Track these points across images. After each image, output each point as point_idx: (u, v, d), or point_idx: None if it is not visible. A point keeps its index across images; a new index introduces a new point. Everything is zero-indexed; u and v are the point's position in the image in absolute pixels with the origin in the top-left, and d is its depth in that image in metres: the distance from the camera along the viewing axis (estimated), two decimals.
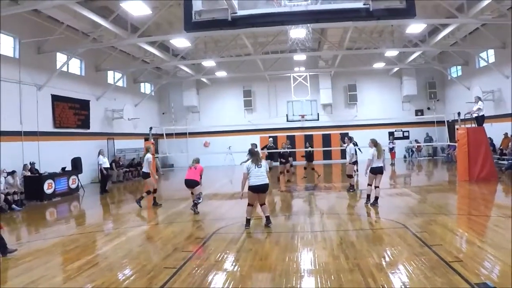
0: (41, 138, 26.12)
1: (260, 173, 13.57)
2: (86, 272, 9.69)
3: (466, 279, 8.14)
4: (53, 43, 26.36)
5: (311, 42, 26.86)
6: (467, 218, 14.78)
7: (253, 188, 13.55)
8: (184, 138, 43.60)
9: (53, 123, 27.88)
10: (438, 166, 37.60)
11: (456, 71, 42.24)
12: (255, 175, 13.50)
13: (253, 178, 13.51)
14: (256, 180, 13.48)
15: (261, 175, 13.55)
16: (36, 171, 24.33)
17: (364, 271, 8.99)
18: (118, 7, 23.27)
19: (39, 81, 26.34)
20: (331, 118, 45.42)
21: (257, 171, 13.54)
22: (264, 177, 13.60)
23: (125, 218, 17.68)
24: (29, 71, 25.58)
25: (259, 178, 13.48)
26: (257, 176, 13.48)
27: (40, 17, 25.36)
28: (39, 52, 26.33)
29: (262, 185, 13.54)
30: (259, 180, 13.47)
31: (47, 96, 27.27)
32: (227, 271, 9.65)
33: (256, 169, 13.56)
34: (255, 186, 13.49)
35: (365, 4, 11.84)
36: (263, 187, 13.57)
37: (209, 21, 12.65)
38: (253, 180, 13.51)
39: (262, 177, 13.54)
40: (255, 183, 13.48)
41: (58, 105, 28.31)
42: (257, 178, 13.48)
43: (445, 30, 29.57)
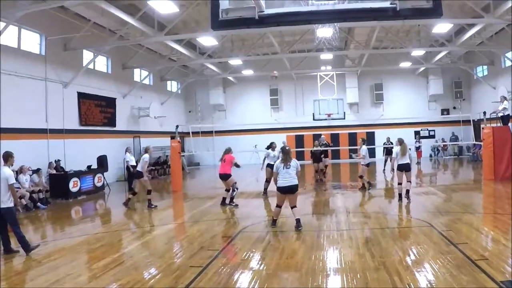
0: (66, 135, 26.22)
1: (288, 174, 13.34)
2: (111, 271, 9.74)
3: (492, 277, 8.15)
4: (80, 41, 26.44)
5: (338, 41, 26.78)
6: (493, 217, 14.78)
7: (280, 189, 13.41)
8: (210, 136, 43.55)
9: (79, 121, 27.97)
10: (464, 165, 37.50)
11: (482, 71, 42.00)
12: (283, 176, 13.36)
13: (281, 179, 13.38)
14: (283, 181, 13.33)
15: (289, 176, 13.32)
16: (61, 169, 24.43)
17: (390, 270, 9.01)
18: (145, 4, 23.35)
19: (65, 78, 26.45)
20: (357, 117, 45.35)
21: (285, 172, 13.35)
22: (292, 178, 13.35)
23: (151, 216, 17.76)
24: (55, 68, 25.69)
25: (287, 180, 13.29)
26: (284, 177, 13.33)
27: (67, 14, 25.46)
28: (66, 49, 26.44)
29: (290, 186, 13.30)
30: (286, 181, 13.29)
31: (73, 93, 27.37)
32: (253, 270, 9.68)
33: (285, 170, 13.37)
34: (282, 187, 13.34)
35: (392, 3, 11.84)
36: (290, 188, 13.32)
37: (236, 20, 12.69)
38: (281, 181, 13.37)
39: (290, 178, 13.31)
40: (283, 184, 13.32)
41: (84, 102, 28.39)
42: (284, 179, 13.32)
43: (471, 30, 29.45)
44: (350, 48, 38.20)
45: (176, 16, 25.18)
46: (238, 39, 36.57)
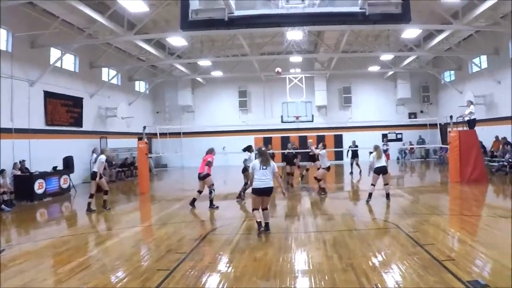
0: (32, 135, 25.78)
1: (265, 175, 12.96)
2: (78, 275, 9.61)
3: (458, 277, 8.27)
4: (48, 38, 26.08)
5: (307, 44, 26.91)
6: (459, 218, 14.96)
7: (256, 190, 13.04)
8: (178, 138, 43.47)
9: (45, 121, 27.53)
10: (431, 167, 37.90)
11: (449, 76, 42.62)
12: (259, 178, 12.97)
13: (257, 180, 12.99)
14: (259, 182, 12.94)
15: (265, 178, 12.94)
16: (26, 170, 24.03)
17: (357, 271, 9.07)
18: (115, 3, 23.10)
19: (31, 76, 26.09)
20: (325, 120, 45.48)
21: (262, 173, 12.97)
22: (268, 180, 12.97)
23: (118, 219, 17.59)
24: (22, 65, 25.35)
25: (263, 181, 12.90)
26: (260, 179, 12.94)
27: (35, 10, 25.04)
28: (33, 47, 26.04)
29: (265, 189, 12.94)
30: (262, 183, 12.89)
31: (39, 92, 26.97)
32: (221, 273, 9.65)
33: (261, 171, 12.99)
34: (258, 189, 12.97)
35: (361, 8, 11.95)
36: (266, 190, 12.98)
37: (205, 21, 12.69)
38: (257, 183, 12.99)
39: (266, 180, 12.94)
40: (258, 185, 12.95)
41: (50, 101, 27.97)
42: (260, 180, 12.93)
43: (440, 35, 29.97)
44: (320, 51, 38.42)
45: (146, 15, 25.03)
46: (207, 40, 36.57)
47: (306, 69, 42.86)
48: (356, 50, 37.68)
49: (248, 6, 12.78)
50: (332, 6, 12.62)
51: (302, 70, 42.13)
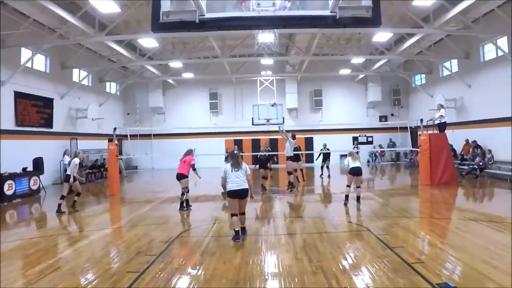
0: (2, 136, 25.42)
1: (238, 177, 12.77)
2: (47, 277, 9.53)
3: (428, 280, 8.32)
4: (18, 38, 25.83)
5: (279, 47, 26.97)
6: (429, 221, 15.06)
7: (230, 193, 12.79)
8: (148, 139, 43.32)
9: (15, 121, 27.24)
10: (401, 170, 38.10)
11: (420, 79, 43.05)
12: (232, 180, 12.77)
13: (230, 182, 12.78)
14: (232, 185, 12.73)
15: (238, 179, 12.75)
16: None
17: (327, 273, 9.09)
18: (87, 3, 22.98)
19: (2, 76, 25.76)
20: (296, 122, 45.64)
21: (234, 175, 12.78)
22: (241, 181, 12.76)
23: (88, 221, 17.45)
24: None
25: (236, 183, 12.69)
26: (233, 181, 12.73)
27: (5, 10, 24.48)
28: (3, 47, 25.60)
29: (239, 190, 12.69)
30: (236, 185, 12.68)
31: (9, 92, 26.70)
32: (191, 275, 9.61)
33: (234, 173, 12.80)
34: (232, 191, 12.72)
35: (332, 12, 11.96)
36: (240, 192, 12.72)
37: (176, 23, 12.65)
38: (230, 185, 12.78)
39: (239, 181, 12.73)
40: (232, 188, 12.71)
41: (20, 102, 27.70)
42: (233, 183, 12.72)
43: (411, 39, 30.21)
44: (291, 54, 38.38)
45: (118, 16, 24.95)
46: (179, 42, 36.53)
47: (277, 71, 43.07)
48: (327, 53, 37.90)
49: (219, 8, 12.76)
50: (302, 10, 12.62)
51: (273, 72, 42.23)
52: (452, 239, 12.11)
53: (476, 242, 11.35)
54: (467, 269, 9.10)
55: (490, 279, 8.36)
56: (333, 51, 37.44)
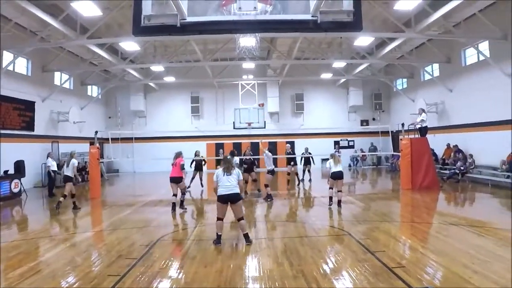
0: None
1: (229, 182, 12.70)
2: (28, 280, 9.49)
3: (409, 284, 8.35)
4: None
5: (260, 51, 26.97)
6: (410, 225, 15.09)
7: (220, 197, 12.70)
8: (130, 143, 43.20)
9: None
10: (382, 175, 38.22)
11: (401, 84, 43.16)
12: (223, 184, 12.70)
13: (221, 187, 12.71)
14: (224, 189, 12.65)
15: (229, 184, 12.66)
16: None
17: (308, 278, 9.10)
18: (68, 6, 22.91)
19: None
20: (277, 126, 45.69)
21: (225, 179, 12.72)
22: (233, 186, 12.69)
23: (69, 224, 17.45)
24: None
25: (227, 188, 12.63)
26: (224, 185, 12.67)
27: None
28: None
29: (231, 195, 12.61)
30: (227, 189, 12.62)
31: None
32: (172, 278, 9.61)
33: (225, 177, 12.75)
34: (223, 195, 12.64)
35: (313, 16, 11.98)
36: (231, 197, 12.63)
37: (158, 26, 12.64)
38: (221, 190, 12.71)
39: (230, 186, 12.65)
40: (222, 192, 12.65)
41: (2, 105, 27.51)
42: (224, 187, 12.66)
43: (392, 43, 30.27)
44: (272, 58, 38.43)
45: (99, 19, 24.79)
46: (160, 45, 36.39)
47: (258, 75, 42.99)
48: (309, 57, 37.97)
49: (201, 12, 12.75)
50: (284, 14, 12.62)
51: (255, 76, 42.17)
52: (433, 243, 12.15)
53: (457, 246, 11.40)
54: (448, 273, 9.13)
55: (471, 284, 8.37)
56: (314, 55, 37.55)
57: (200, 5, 12.88)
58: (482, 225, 14.13)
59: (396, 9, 23.74)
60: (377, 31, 28.57)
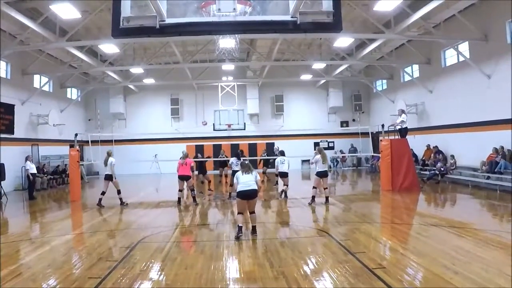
0: None
1: (248, 179, 13.48)
2: (8, 283, 9.40)
3: (389, 285, 8.34)
4: None
5: (239, 52, 26.99)
6: (390, 227, 15.16)
7: (240, 194, 13.46)
8: (110, 145, 42.82)
9: None
10: (362, 176, 38.24)
11: (381, 85, 43.38)
12: (242, 182, 13.48)
13: (241, 184, 13.47)
14: (243, 186, 13.41)
15: (249, 181, 13.44)
16: None
17: (289, 279, 9.07)
18: (47, 9, 22.69)
19: None
20: (257, 128, 45.74)
21: (245, 177, 13.51)
22: (252, 183, 13.44)
23: (49, 226, 17.30)
24: None
25: (246, 184, 13.38)
26: (244, 183, 13.43)
27: None
28: None
29: (250, 191, 13.38)
30: (246, 186, 13.37)
31: None
32: (153, 280, 9.58)
33: (244, 176, 13.54)
34: (243, 191, 13.38)
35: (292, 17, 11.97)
36: (250, 192, 13.42)
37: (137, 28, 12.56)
38: (240, 186, 13.48)
39: (250, 183, 13.41)
40: (242, 188, 13.40)
41: None
42: (244, 184, 13.41)
43: (372, 44, 30.32)
44: (252, 59, 38.50)
45: (78, 22, 24.72)
46: (140, 47, 36.39)
47: (238, 77, 43.06)
48: (289, 59, 38.13)
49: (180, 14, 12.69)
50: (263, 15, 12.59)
51: (234, 78, 42.26)
52: (414, 244, 12.15)
53: (437, 247, 11.40)
54: (429, 274, 9.12)
55: (452, 285, 8.37)
56: (294, 57, 37.67)
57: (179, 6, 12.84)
58: (462, 226, 14.17)
59: (375, 10, 23.78)
60: (357, 32, 28.70)
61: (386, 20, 26.60)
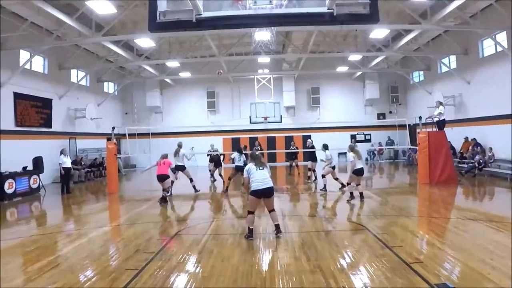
0: (2, 136, 25.50)
1: (264, 176, 12.68)
2: (47, 274, 9.56)
3: (426, 280, 8.28)
4: (16, 40, 25.89)
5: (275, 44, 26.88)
6: (428, 220, 14.95)
7: (255, 192, 12.58)
8: (146, 138, 43.25)
9: (14, 122, 27.39)
10: (399, 169, 37.89)
11: (418, 76, 42.78)
12: (257, 179, 12.60)
13: (256, 181, 12.58)
14: (259, 184, 12.53)
15: (265, 178, 12.64)
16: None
17: (325, 272, 9.07)
18: (83, 4, 22.86)
19: (1, 78, 25.86)
20: (293, 120, 45.64)
21: (259, 174, 12.67)
22: (268, 180, 12.68)
23: (87, 219, 17.49)
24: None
25: (262, 182, 12.54)
26: (259, 180, 12.57)
27: (3, 13, 24.60)
28: (2, 49, 25.71)
29: (266, 189, 12.57)
30: (262, 183, 12.52)
31: (9, 93, 26.80)
32: (189, 273, 9.62)
33: (259, 172, 12.71)
34: (259, 190, 12.53)
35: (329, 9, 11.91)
36: (267, 190, 12.60)
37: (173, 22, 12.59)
38: (256, 184, 12.57)
39: (266, 180, 12.62)
40: (258, 187, 12.52)
41: (20, 103, 27.84)
42: (259, 181, 12.55)
43: (408, 35, 29.91)
44: (288, 51, 38.31)
45: (114, 17, 24.87)
46: (175, 41, 36.52)
47: (274, 69, 42.90)
48: (324, 51, 37.78)
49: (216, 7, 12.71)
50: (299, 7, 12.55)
51: (270, 70, 42.19)
52: (451, 238, 12.06)
53: (475, 242, 11.29)
54: (466, 269, 9.06)
55: (489, 280, 8.31)
56: (330, 49, 37.34)
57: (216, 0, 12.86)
58: (500, 220, 13.95)
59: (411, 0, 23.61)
60: (393, 23, 28.37)
61: (422, 11, 26.33)
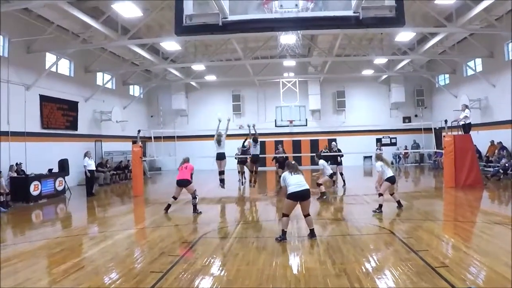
0: (28, 138, 25.90)
1: (299, 179, 12.59)
2: (72, 276, 9.60)
3: (452, 284, 8.21)
4: (43, 43, 26.20)
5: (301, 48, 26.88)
6: (453, 224, 14.83)
7: (293, 195, 12.44)
8: (172, 141, 43.39)
9: (40, 124, 27.68)
10: (425, 172, 37.72)
11: (444, 79, 42.61)
12: (293, 183, 12.50)
13: (292, 185, 12.46)
14: (295, 186, 12.42)
15: (300, 181, 12.54)
16: (22, 172, 24.09)
17: (350, 276, 9.01)
18: (109, 8, 23.16)
19: (27, 81, 26.18)
20: (319, 124, 45.65)
21: (295, 178, 12.58)
22: (303, 183, 12.55)
23: (112, 221, 17.60)
24: (18, 70, 25.46)
25: (298, 185, 12.44)
26: (295, 183, 12.47)
27: (30, 16, 25.03)
28: (29, 52, 26.11)
29: (303, 191, 12.45)
30: (299, 186, 12.42)
31: (35, 96, 27.09)
32: (214, 276, 9.61)
33: (294, 176, 12.62)
34: (296, 192, 12.40)
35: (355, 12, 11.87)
36: (304, 193, 12.48)
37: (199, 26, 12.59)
38: (293, 187, 12.44)
39: (301, 182, 12.52)
40: (295, 189, 12.40)
41: (46, 105, 28.14)
42: (295, 185, 12.44)
43: (434, 38, 29.85)
44: (313, 55, 38.21)
45: (140, 20, 25.04)
46: (201, 45, 36.55)
47: (299, 73, 43.03)
48: (350, 54, 37.73)
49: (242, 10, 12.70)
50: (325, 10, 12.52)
51: (296, 74, 42.29)
52: (477, 242, 11.93)
53: (501, 246, 11.17)
54: (492, 273, 8.96)
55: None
56: (355, 52, 37.34)
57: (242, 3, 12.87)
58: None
59: (437, 3, 23.61)
60: (418, 26, 28.32)
61: (447, 14, 26.24)
